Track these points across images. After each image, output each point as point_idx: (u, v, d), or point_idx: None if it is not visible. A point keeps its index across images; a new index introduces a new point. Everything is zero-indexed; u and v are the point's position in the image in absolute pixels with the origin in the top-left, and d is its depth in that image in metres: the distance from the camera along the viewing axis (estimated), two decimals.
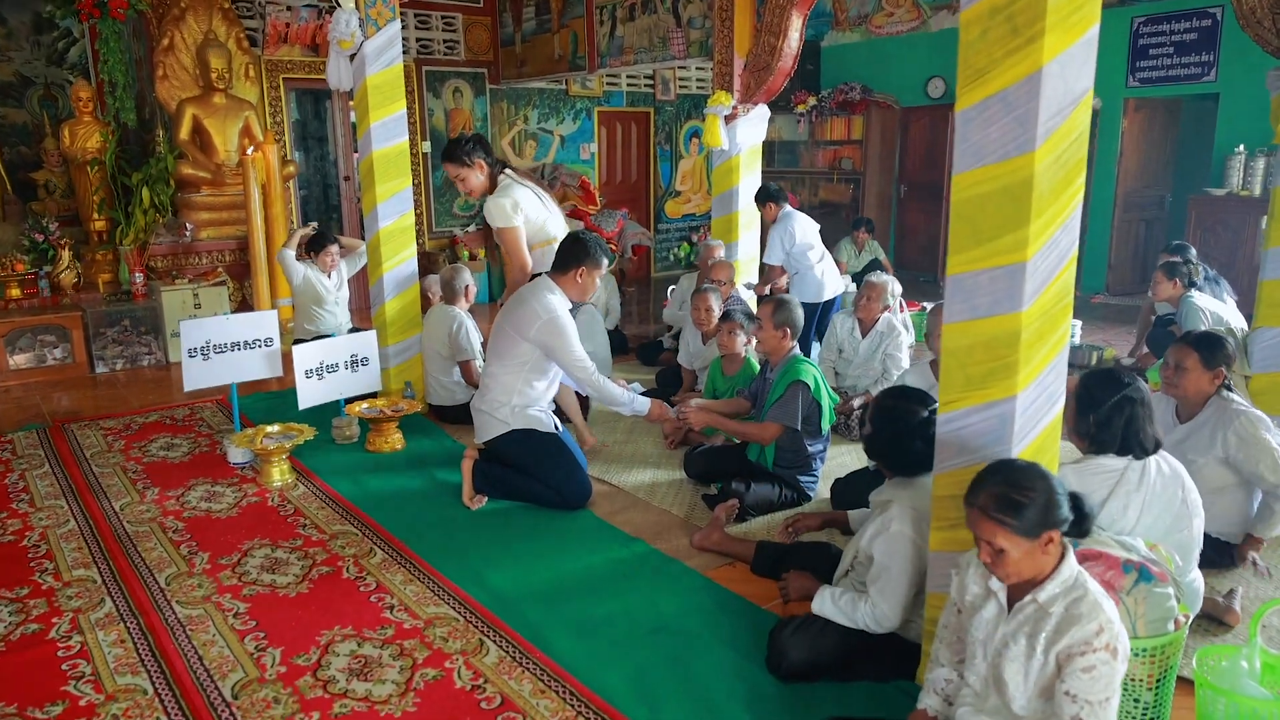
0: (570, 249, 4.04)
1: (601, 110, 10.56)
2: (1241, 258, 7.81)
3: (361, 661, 2.83)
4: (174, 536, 3.79)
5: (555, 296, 3.98)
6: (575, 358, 3.94)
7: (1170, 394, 3.49)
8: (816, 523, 3.47)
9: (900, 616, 2.66)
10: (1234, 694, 2.23)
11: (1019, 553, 1.99)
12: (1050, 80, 2.13)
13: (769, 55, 5.86)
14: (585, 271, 4.01)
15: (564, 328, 3.92)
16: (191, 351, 4.72)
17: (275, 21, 8.20)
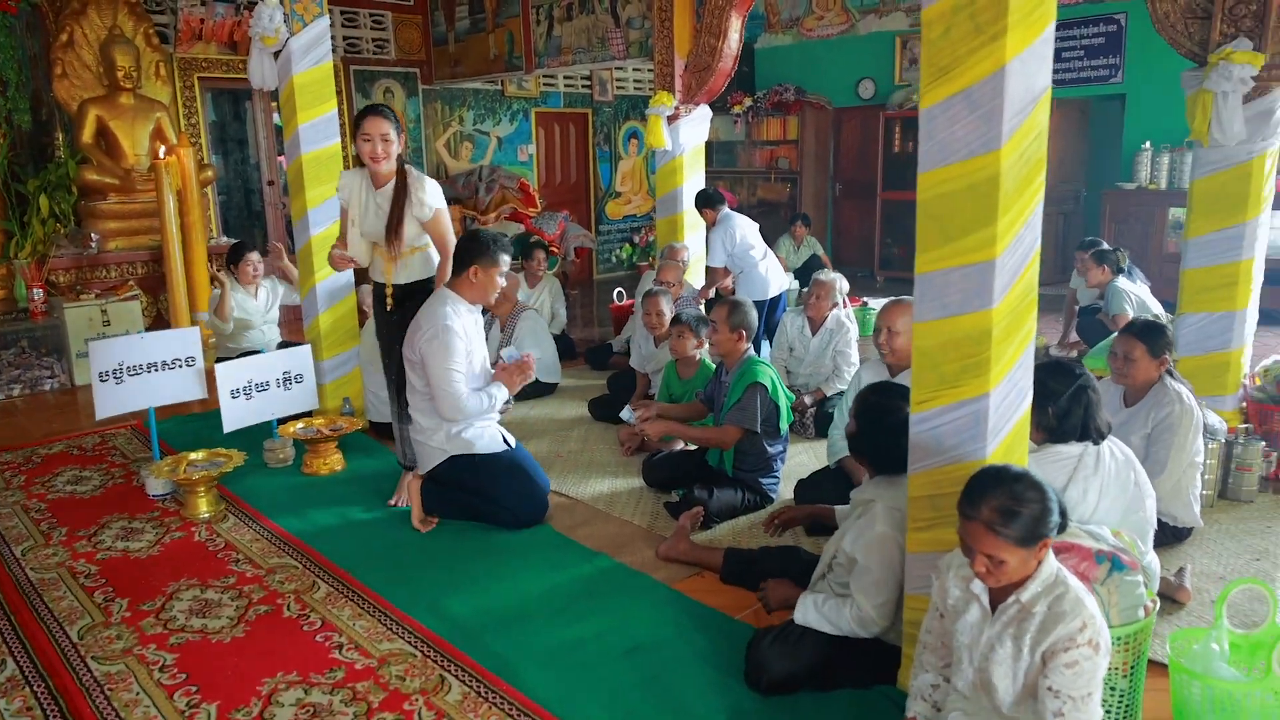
0: (464, 247, 3.81)
1: (539, 111, 10.43)
2: (1152, 247, 8.18)
3: (310, 710, 2.62)
4: (86, 582, 3.44)
5: (447, 308, 3.74)
6: (443, 377, 3.68)
7: (1121, 383, 3.67)
8: (801, 515, 3.40)
9: (886, 618, 2.62)
10: (1209, 678, 2.25)
11: (1016, 561, 1.97)
12: (1013, 77, 2.10)
13: (709, 56, 5.83)
14: (479, 270, 3.75)
15: (440, 342, 3.66)
16: (103, 374, 4.38)
17: (188, 17, 7.77)
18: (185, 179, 6.73)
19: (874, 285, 9.88)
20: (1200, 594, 3.21)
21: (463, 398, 3.73)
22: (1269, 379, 4.45)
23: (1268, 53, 4.00)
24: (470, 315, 3.85)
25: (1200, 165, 4.34)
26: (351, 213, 3.91)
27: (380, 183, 3.87)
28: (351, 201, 3.91)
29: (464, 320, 3.78)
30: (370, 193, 3.88)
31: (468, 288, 3.81)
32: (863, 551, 2.64)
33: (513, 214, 9.47)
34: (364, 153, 3.77)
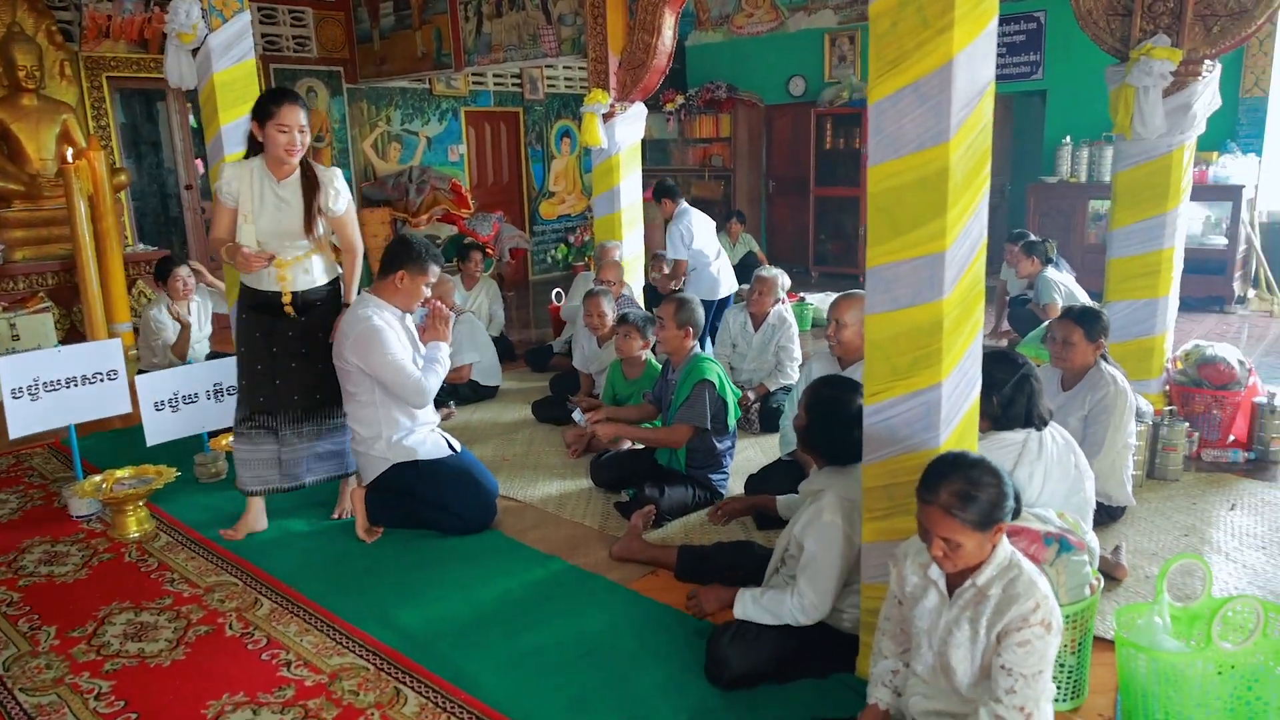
0: (394, 250, 3.74)
1: (469, 110, 10.30)
2: (1074, 238, 8.42)
3: None
4: (9, 611, 3.25)
5: (366, 310, 3.67)
6: (392, 368, 3.58)
7: (1059, 366, 3.78)
8: (744, 506, 3.42)
9: (828, 606, 2.65)
10: (1154, 650, 2.32)
11: (972, 544, 2.01)
12: (961, 70, 2.13)
13: (644, 52, 5.82)
14: (407, 277, 3.68)
15: (370, 338, 3.57)
16: (16, 391, 4.16)
17: (94, 13, 7.38)
18: (97, 184, 6.40)
19: (809, 281, 9.99)
20: (1136, 570, 3.32)
21: (421, 378, 3.65)
22: (1190, 362, 4.61)
23: (1185, 48, 4.14)
24: (395, 320, 3.74)
25: (1123, 158, 4.47)
26: (243, 208, 3.53)
27: (283, 175, 3.56)
28: (243, 197, 3.53)
29: (384, 316, 3.68)
30: (269, 186, 3.55)
31: (392, 293, 3.72)
32: (810, 539, 2.67)
33: (445, 215, 9.34)
34: (279, 144, 3.45)
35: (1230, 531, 3.63)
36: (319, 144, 9.09)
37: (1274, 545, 3.49)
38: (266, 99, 3.50)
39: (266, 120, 3.45)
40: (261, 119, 3.46)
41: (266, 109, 3.45)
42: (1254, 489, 4.04)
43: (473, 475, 3.85)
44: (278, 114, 3.43)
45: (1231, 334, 6.92)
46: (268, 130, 3.45)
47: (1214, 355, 4.53)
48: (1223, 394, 4.45)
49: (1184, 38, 4.15)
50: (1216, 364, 4.49)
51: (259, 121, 3.47)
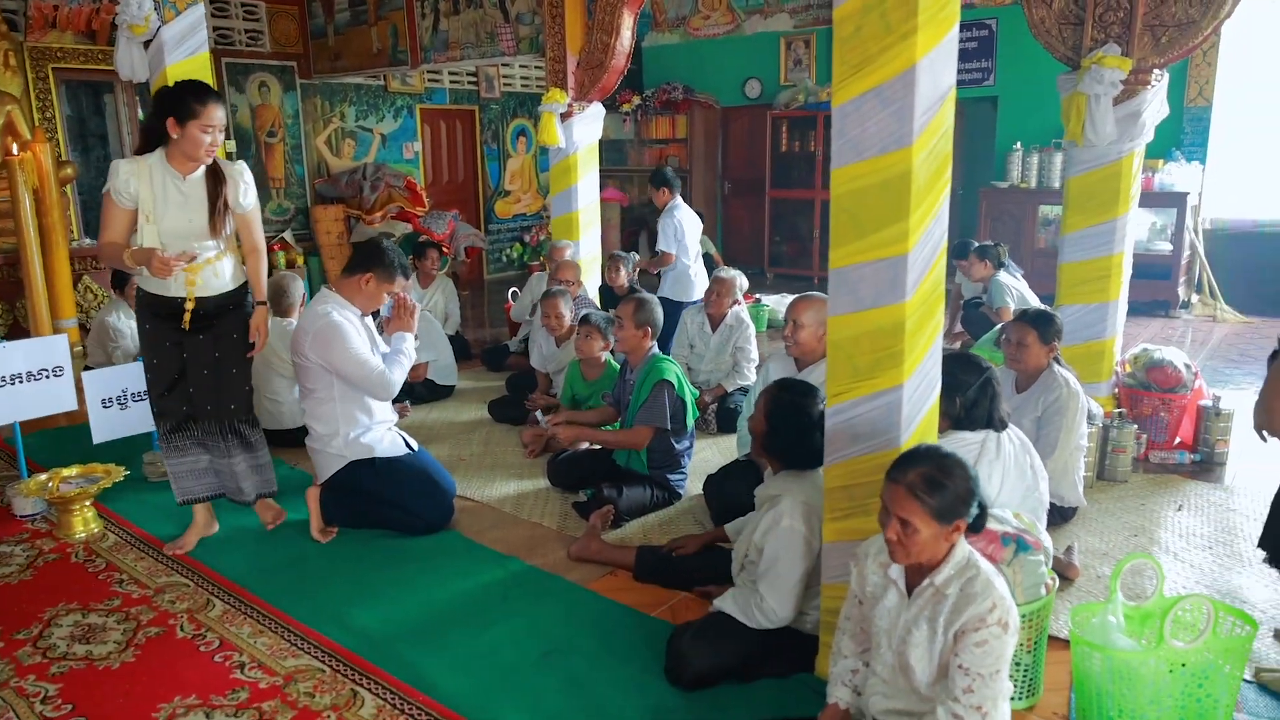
0: (364, 251, 3.72)
1: (424, 108, 10.19)
2: (1024, 243, 8.58)
3: None
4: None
5: (326, 306, 3.64)
6: (355, 362, 3.56)
7: (1013, 368, 3.83)
8: (697, 545, 3.38)
9: (790, 611, 2.66)
10: (1108, 649, 2.36)
11: (928, 533, 2.01)
12: (923, 75, 2.16)
13: (602, 53, 5.81)
14: (372, 280, 3.65)
15: (330, 333, 3.54)
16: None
17: (40, 4, 7.18)
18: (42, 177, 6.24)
19: (764, 282, 10.05)
20: (1088, 570, 3.38)
21: (385, 370, 3.62)
22: (1138, 366, 4.71)
23: (1135, 58, 4.24)
24: (355, 317, 3.69)
25: (1074, 164, 4.57)
26: (144, 208, 3.28)
27: (187, 171, 3.32)
28: (144, 196, 3.27)
29: (345, 315, 3.64)
30: (172, 182, 3.30)
31: (354, 292, 3.68)
32: (770, 544, 2.67)
33: (400, 213, 9.23)
34: (200, 145, 3.25)
35: (1178, 532, 3.71)
36: (271, 139, 8.94)
37: (1219, 545, 3.57)
38: (190, 97, 3.25)
39: (189, 119, 3.22)
40: (182, 116, 3.22)
41: (190, 107, 3.22)
42: (1200, 490, 4.14)
43: (430, 475, 3.81)
44: (204, 114, 3.22)
45: (1176, 338, 7.10)
46: (189, 129, 3.23)
47: (1162, 359, 4.63)
48: (1170, 397, 4.55)
49: (1134, 47, 4.25)
50: (1164, 367, 4.59)
51: (178, 118, 3.23)
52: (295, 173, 9.15)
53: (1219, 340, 7.06)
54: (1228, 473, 4.35)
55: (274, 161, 8.99)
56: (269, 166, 8.96)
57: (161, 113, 3.28)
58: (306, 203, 9.24)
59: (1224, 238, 8.18)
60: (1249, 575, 3.32)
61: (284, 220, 9.14)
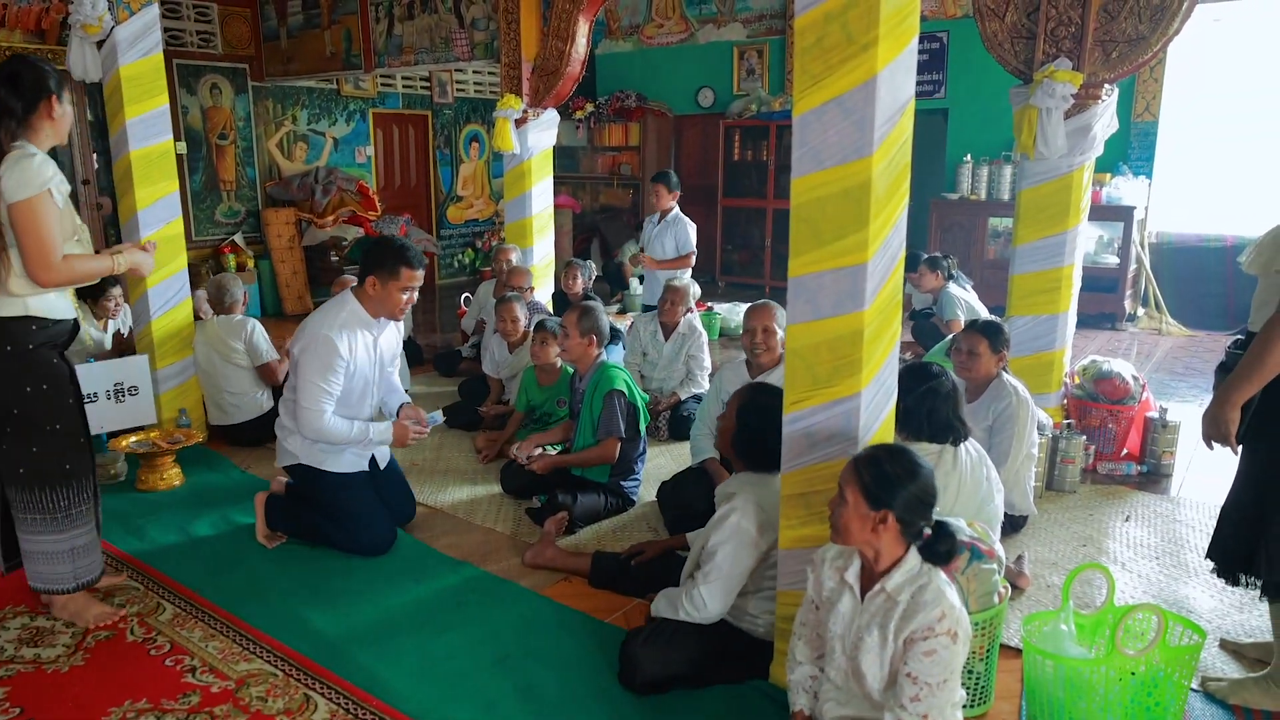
0: (365, 253, 3.61)
1: (377, 112, 10.08)
2: (974, 254, 8.67)
3: None
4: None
5: (342, 313, 3.49)
6: (309, 389, 3.39)
7: (964, 377, 3.86)
8: (657, 551, 3.37)
9: (720, 606, 2.68)
10: (1060, 657, 2.40)
11: (854, 512, 2.05)
12: (884, 86, 2.19)
13: (557, 59, 5.80)
14: (375, 283, 3.47)
15: (315, 348, 3.40)
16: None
17: None
18: None
19: (716, 290, 10.09)
20: (1038, 579, 3.42)
21: (324, 416, 3.44)
22: (1087, 377, 4.79)
23: (1086, 72, 4.33)
24: (365, 332, 3.54)
25: (1026, 177, 4.64)
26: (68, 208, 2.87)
27: None
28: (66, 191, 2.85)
29: (354, 337, 3.49)
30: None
31: (367, 300, 3.53)
32: (715, 536, 2.69)
33: (352, 217, 9.13)
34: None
35: (1125, 542, 3.77)
36: (222, 141, 8.78)
37: (1166, 556, 3.63)
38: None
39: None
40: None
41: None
42: (1147, 501, 4.21)
43: (370, 502, 3.63)
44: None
45: (1122, 350, 7.23)
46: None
47: (1110, 371, 4.70)
48: (1117, 408, 4.62)
49: (1084, 62, 4.33)
50: (1112, 379, 4.67)
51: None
52: (246, 175, 9.00)
53: (1164, 353, 7.22)
54: (1174, 484, 4.43)
55: (225, 164, 8.84)
56: (220, 169, 8.81)
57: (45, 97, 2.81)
58: (258, 205, 9.09)
59: (1169, 252, 8.34)
60: (1195, 585, 3.38)
61: (234, 223, 8.98)
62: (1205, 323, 7.94)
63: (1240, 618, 3.16)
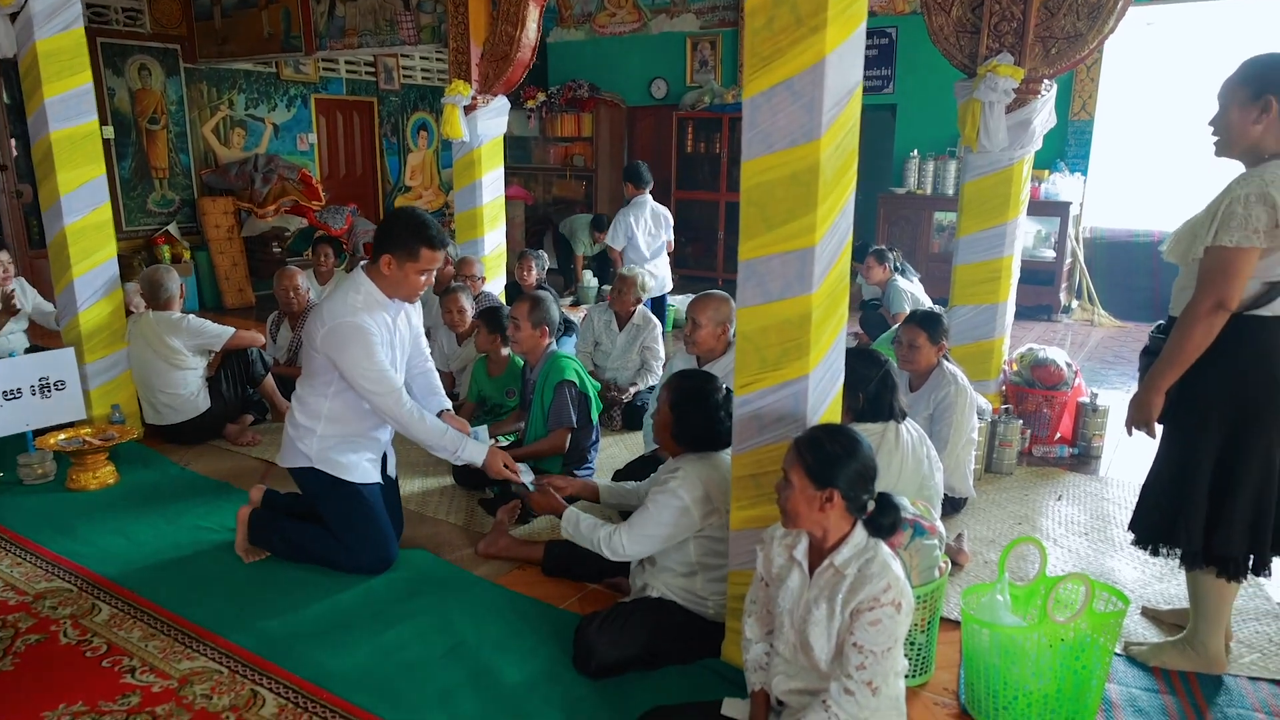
0: (381, 228, 3.24)
1: (319, 98, 9.87)
2: (920, 247, 8.83)
3: None
4: None
5: (358, 296, 3.17)
6: (368, 378, 3.10)
7: (905, 369, 3.96)
8: (571, 487, 3.31)
9: (635, 552, 2.76)
10: (995, 625, 2.49)
11: (801, 494, 2.09)
12: (832, 69, 2.20)
13: (507, 45, 5.75)
14: (393, 262, 3.12)
15: (347, 338, 3.08)
16: None
17: None
18: None
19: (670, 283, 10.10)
20: (976, 556, 3.54)
21: (402, 395, 3.15)
22: (1024, 364, 4.93)
23: (1027, 67, 4.43)
24: (385, 313, 3.23)
25: (969, 170, 4.74)
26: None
27: None
28: None
29: (374, 318, 3.18)
30: None
31: (381, 280, 3.19)
32: (651, 496, 2.75)
33: (294, 206, 8.96)
34: None
35: (1057, 520, 3.91)
36: (153, 126, 8.54)
37: (1095, 532, 3.78)
38: None
39: None
40: None
41: None
42: (1077, 481, 4.36)
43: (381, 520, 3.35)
44: None
45: (1058, 340, 7.44)
46: None
47: (1045, 358, 4.86)
48: (1052, 394, 4.78)
49: (1026, 57, 4.43)
50: (1048, 366, 4.82)
51: None
52: (180, 162, 8.76)
53: (1096, 343, 7.44)
54: (1103, 465, 4.60)
55: (157, 150, 8.58)
56: (151, 155, 8.54)
57: None
58: (193, 194, 8.85)
59: (1102, 246, 8.60)
60: (1121, 558, 3.54)
61: (168, 212, 8.73)
62: (1134, 314, 8.19)
63: (1160, 587, 3.32)
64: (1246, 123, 2.46)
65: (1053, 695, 2.42)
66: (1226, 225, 2.38)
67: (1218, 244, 2.40)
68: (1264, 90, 2.42)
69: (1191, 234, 2.53)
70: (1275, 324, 2.47)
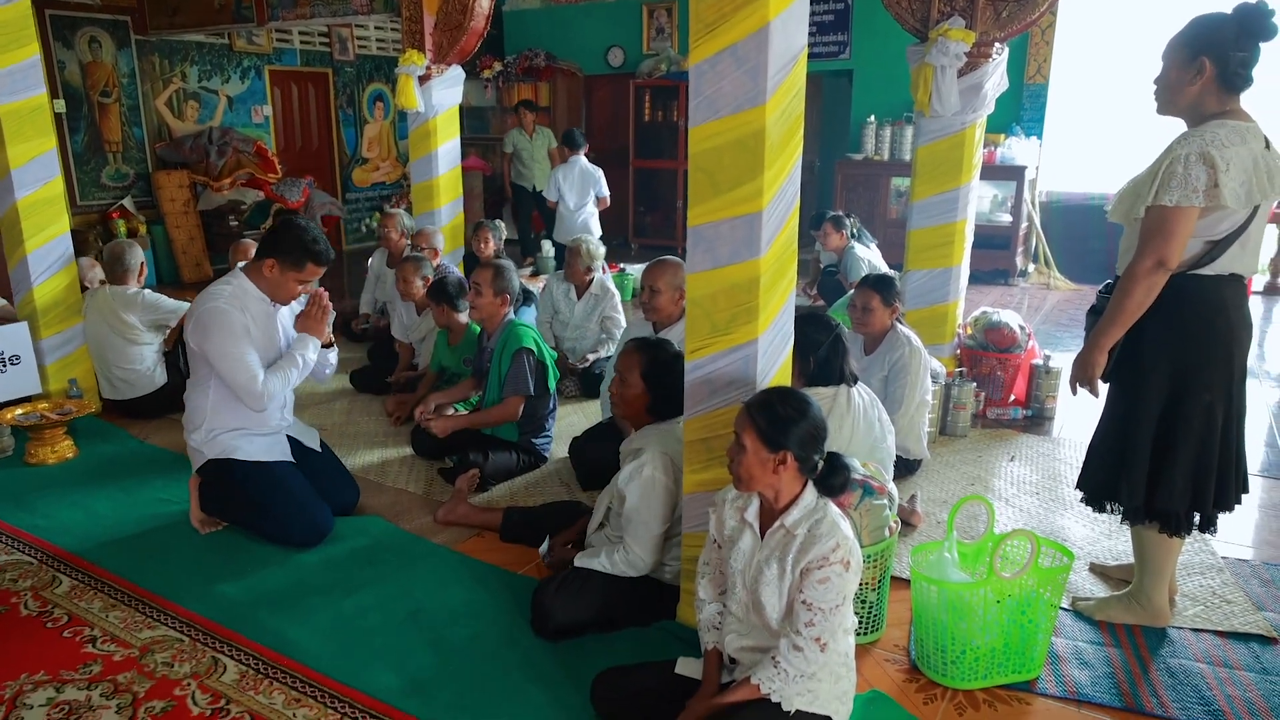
0: (272, 232, 3.34)
1: (273, 69, 9.71)
2: (878, 214, 8.90)
3: (65, 709, 2.40)
4: None
5: (227, 287, 3.28)
6: (227, 359, 3.17)
7: (860, 332, 4.01)
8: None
9: (653, 557, 2.75)
10: (943, 581, 2.55)
11: (755, 457, 2.13)
12: (776, 35, 2.22)
13: (460, 14, 5.70)
14: (274, 266, 3.26)
15: (209, 324, 3.17)
16: None
17: None
18: None
19: (629, 253, 10.13)
20: (929, 516, 3.61)
21: (259, 379, 3.22)
22: (978, 328, 5.01)
23: (978, 31, 4.46)
24: (259, 304, 3.33)
25: (922, 134, 4.78)
26: None
27: None
28: None
29: (245, 306, 3.27)
30: None
31: (259, 279, 3.32)
32: (632, 494, 2.75)
33: (250, 180, 8.84)
34: None
35: (1009, 480, 4.00)
36: (105, 99, 8.36)
37: (1045, 491, 3.87)
38: None
39: None
40: None
41: None
42: (1030, 442, 4.45)
43: (298, 488, 3.37)
44: None
45: (1014, 304, 7.56)
46: None
47: (998, 321, 4.93)
48: (1005, 357, 4.85)
49: (977, 21, 4.47)
50: (1000, 329, 4.90)
51: None
52: (134, 136, 8.60)
53: (1051, 306, 7.56)
54: (1055, 426, 4.70)
55: (109, 123, 8.41)
56: (104, 129, 8.38)
57: None
58: (148, 168, 8.70)
59: (1058, 210, 8.71)
60: (1070, 516, 3.63)
61: (123, 186, 8.58)
62: (1089, 277, 8.32)
63: (1109, 544, 3.41)
64: (1183, 83, 2.52)
65: (999, 649, 2.50)
66: (1167, 185, 2.42)
67: (1158, 203, 2.44)
68: (1199, 52, 2.47)
69: (1134, 194, 2.57)
70: (1216, 283, 2.52)
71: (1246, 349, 2.60)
